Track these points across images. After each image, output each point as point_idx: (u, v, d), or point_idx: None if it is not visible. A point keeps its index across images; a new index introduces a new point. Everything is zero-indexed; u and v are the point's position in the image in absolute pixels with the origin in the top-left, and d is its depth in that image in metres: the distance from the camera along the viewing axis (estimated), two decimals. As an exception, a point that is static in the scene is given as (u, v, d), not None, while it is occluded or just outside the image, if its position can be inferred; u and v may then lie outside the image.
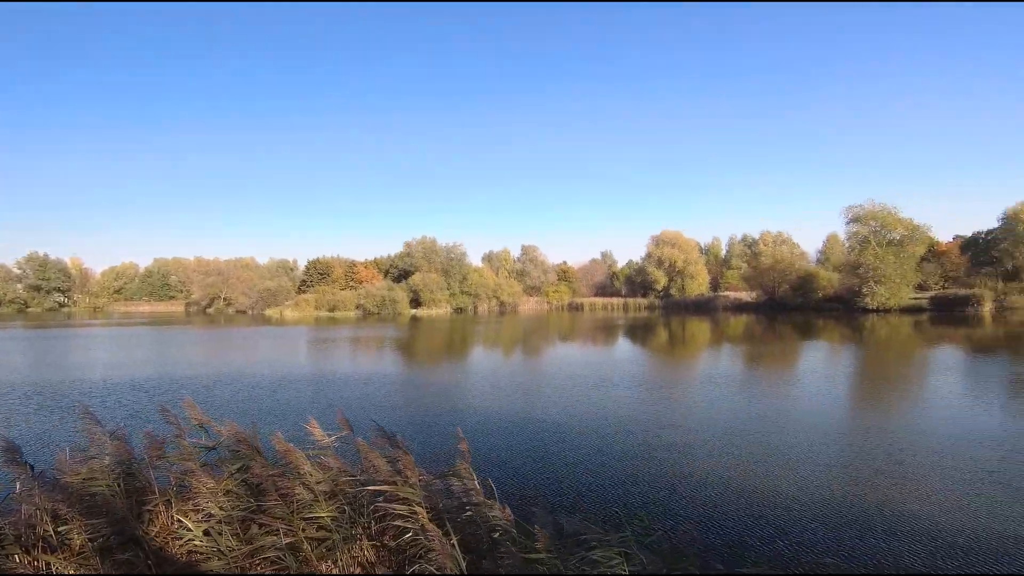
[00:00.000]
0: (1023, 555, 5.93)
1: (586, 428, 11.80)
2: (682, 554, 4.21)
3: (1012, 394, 14.89)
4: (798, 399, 14.42)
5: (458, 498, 4.74)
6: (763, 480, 8.44)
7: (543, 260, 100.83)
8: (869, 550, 6.10)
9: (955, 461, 9.06)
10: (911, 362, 22.02)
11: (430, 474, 5.08)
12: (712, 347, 29.66)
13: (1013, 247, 53.04)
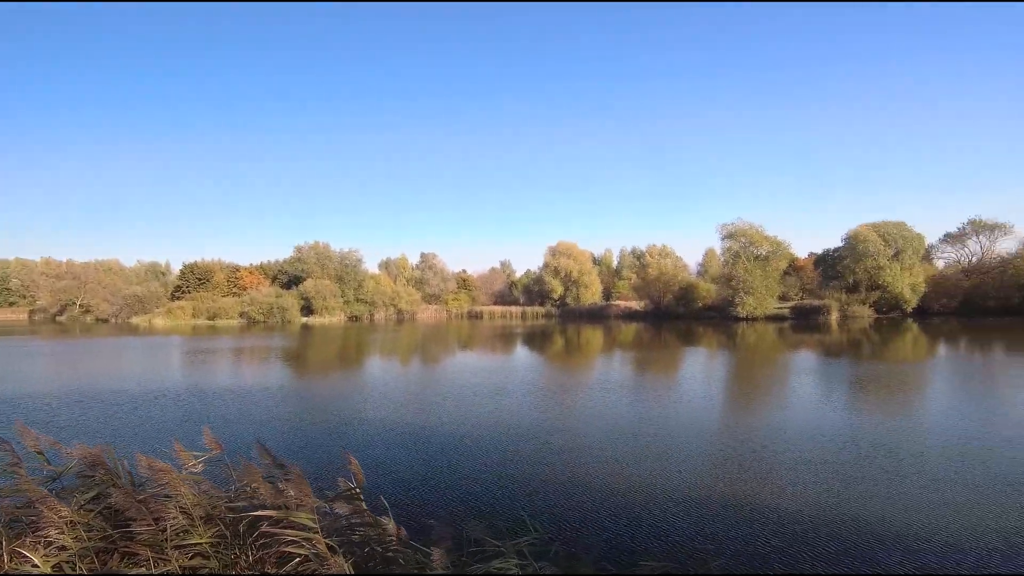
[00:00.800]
0: (859, 537, 6.73)
1: (482, 437, 11.79)
2: (578, 557, 4.29)
3: (852, 393, 17.01)
4: (680, 402, 15.45)
5: (348, 517, 4.49)
6: (650, 480, 8.92)
7: (442, 268, 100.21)
8: (738, 540, 6.65)
9: (805, 455, 10.15)
10: (774, 366, 24.46)
11: (318, 493, 4.77)
12: (605, 354, 31.01)
13: (854, 263, 60.92)
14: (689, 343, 36.54)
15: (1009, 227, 64.11)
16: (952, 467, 9.22)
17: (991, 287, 58.52)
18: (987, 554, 6.21)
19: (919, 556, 6.20)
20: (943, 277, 64.20)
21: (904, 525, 7.01)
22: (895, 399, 15.72)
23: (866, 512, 7.44)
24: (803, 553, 6.31)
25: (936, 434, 11.39)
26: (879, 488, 8.34)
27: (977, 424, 12.21)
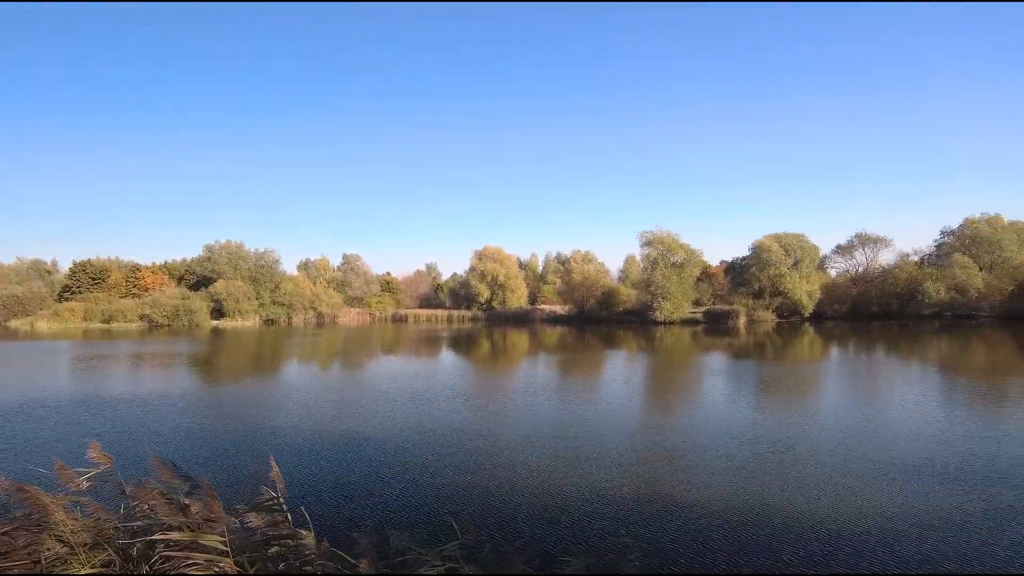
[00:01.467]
0: (758, 528, 7.17)
1: (406, 444, 11.53)
2: (507, 557, 4.26)
3: (757, 393, 18.20)
4: (601, 403, 15.86)
5: (264, 531, 4.20)
6: (573, 480, 9.07)
7: (366, 270, 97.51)
8: (654, 533, 6.93)
9: (715, 452, 10.72)
10: (689, 367, 25.74)
11: (230, 508, 4.42)
12: (530, 357, 31.34)
13: (759, 271, 65.44)
14: (611, 346, 37.70)
15: (888, 241, 71.47)
16: (839, 460, 10.04)
17: (874, 294, 64.87)
18: (867, 539, 6.80)
19: (808, 544, 6.69)
20: (835, 285, 70.37)
21: (797, 515, 7.56)
22: (794, 398, 16.97)
23: (766, 504, 7.96)
24: (710, 543, 6.65)
25: (827, 430, 12.38)
26: (777, 481, 8.94)
27: (860, 420, 13.40)
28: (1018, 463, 9.59)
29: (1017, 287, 54.90)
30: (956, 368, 23.61)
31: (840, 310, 66.53)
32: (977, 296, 56.31)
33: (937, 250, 65.62)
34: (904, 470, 9.33)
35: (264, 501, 4.41)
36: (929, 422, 12.80)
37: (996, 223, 61.11)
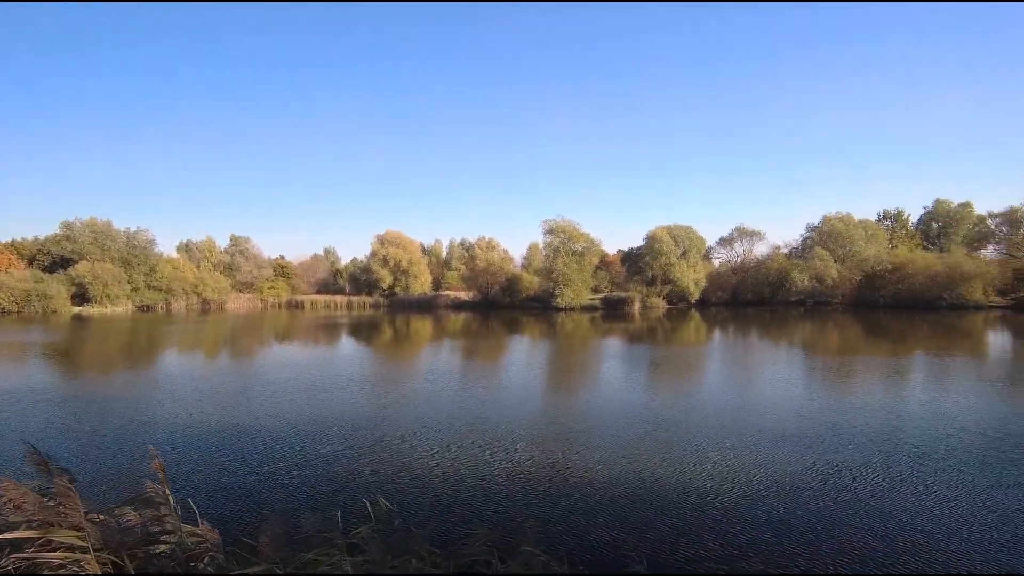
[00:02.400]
0: (642, 501, 7.76)
1: (306, 433, 11.12)
2: (412, 537, 4.27)
3: (648, 374, 19.45)
4: (503, 387, 16.19)
5: (145, 528, 3.88)
6: (475, 460, 9.24)
7: (256, 253, 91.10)
8: (550, 508, 7.26)
9: (608, 431, 11.39)
10: (587, 351, 26.89)
11: (104, 505, 4.03)
12: (434, 343, 31.15)
13: (652, 260, 69.53)
14: (514, 331, 38.41)
15: (762, 234, 78.82)
16: (715, 434, 11.04)
17: (750, 283, 71.35)
18: (736, 502, 7.58)
19: (688, 512, 7.35)
20: (718, 274, 76.49)
21: (679, 486, 8.27)
22: (680, 379, 18.35)
23: (652, 478, 8.63)
24: (601, 516, 7.12)
25: (707, 407, 13.53)
26: (662, 456, 9.70)
27: (734, 398, 14.80)
28: (858, 431, 11.08)
29: (864, 277, 62.85)
30: (814, 349, 26.67)
31: (722, 297, 72.46)
32: (832, 285, 63.74)
33: (802, 243, 73.30)
34: (769, 441, 10.46)
35: (144, 495, 4.07)
36: (791, 398, 14.41)
37: (848, 221, 69.29)
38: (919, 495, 7.72)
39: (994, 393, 14.84)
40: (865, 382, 16.69)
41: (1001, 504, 7.40)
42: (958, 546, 6.25)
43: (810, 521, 6.90)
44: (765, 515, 7.08)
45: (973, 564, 5.86)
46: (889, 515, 7.06)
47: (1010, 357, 22.85)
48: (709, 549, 6.18)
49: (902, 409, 12.87)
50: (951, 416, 12.04)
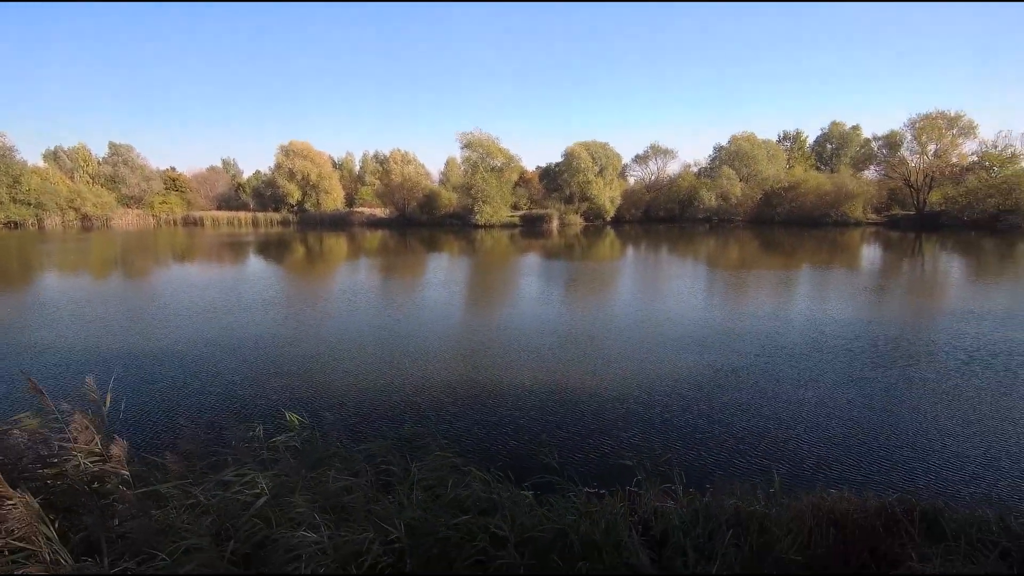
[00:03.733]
0: (564, 405, 8.21)
1: (214, 354, 10.59)
2: (327, 437, 4.28)
3: (566, 289, 20.07)
4: (424, 304, 16.13)
5: (35, 450, 3.59)
6: (392, 374, 9.27)
7: (143, 164, 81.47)
8: (467, 418, 7.52)
9: (527, 344, 11.77)
10: (507, 268, 27.19)
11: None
12: (350, 261, 30.18)
13: (570, 177, 69.96)
14: (433, 249, 37.93)
15: (674, 152, 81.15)
16: (625, 343, 11.74)
17: (662, 200, 74.09)
18: (641, 400, 8.21)
19: (602, 411, 7.88)
20: (632, 191, 78.55)
21: (591, 390, 8.79)
22: (595, 293, 19.09)
23: (567, 385, 9.10)
24: (512, 419, 7.49)
25: (619, 319, 14.28)
26: (578, 365, 10.21)
27: (643, 309, 15.69)
28: (746, 338, 12.18)
29: (764, 196, 67.03)
30: (716, 263, 28.56)
31: (636, 214, 74.94)
32: (736, 203, 67.61)
33: (711, 162, 76.32)
34: (669, 349, 11.27)
35: (24, 417, 3.72)
36: (691, 309, 15.48)
37: (753, 140, 72.60)
38: (791, 393, 8.71)
39: (859, 302, 16.72)
40: (756, 293, 18.20)
41: (850, 394, 8.53)
42: (818, 431, 7.19)
43: (697, 420, 7.64)
44: (659, 415, 7.75)
45: (828, 445, 6.77)
46: (763, 412, 7.94)
47: (877, 269, 25.68)
48: (611, 445, 6.73)
49: (785, 317, 14.22)
50: (822, 323, 13.48)
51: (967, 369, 9.72)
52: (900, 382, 9.13)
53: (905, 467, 6.33)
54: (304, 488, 3.37)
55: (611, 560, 3.98)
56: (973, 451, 6.66)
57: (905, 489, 5.24)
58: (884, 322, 13.62)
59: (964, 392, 8.63)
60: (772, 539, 4.19)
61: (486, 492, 4.22)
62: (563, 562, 3.93)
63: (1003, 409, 7.92)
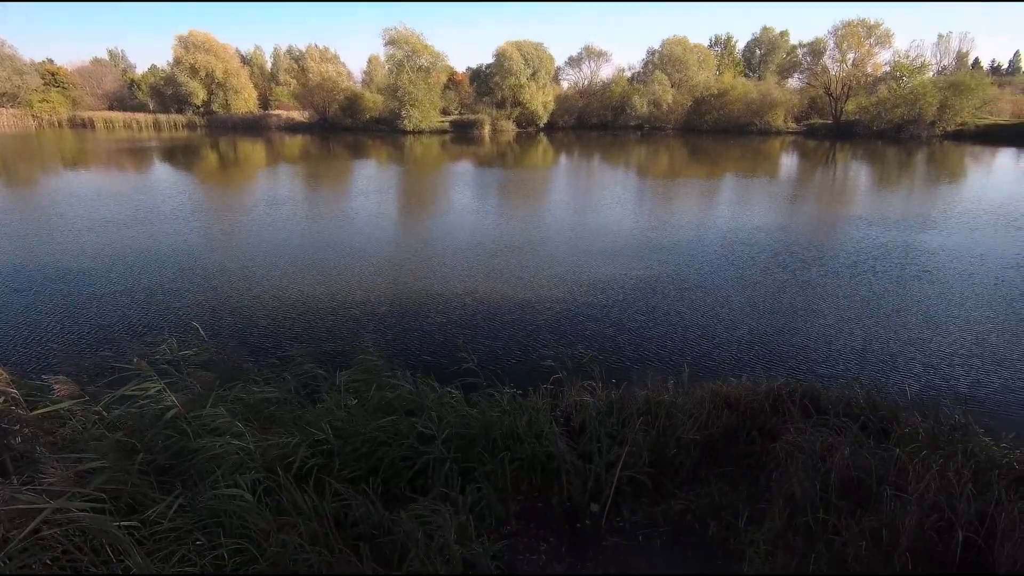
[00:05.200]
0: (501, 308, 8.44)
1: (118, 268, 9.95)
2: (247, 356, 4.27)
3: (499, 199, 19.91)
4: (353, 214, 15.60)
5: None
6: (317, 286, 9.12)
7: (12, 55, 70.14)
8: (399, 323, 7.63)
9: (461, 252, 11.80)
10: (438, 176, 26.45)
11: None
12: (270, 169, 28.30)
13: (502, 80, 67.01)
14: (359, 156, 36.09)
15: (609, 55, 79.09)
16: (558, 250, 12.02)
17: (595, 107, 72.93)
18: (564, 309, 8.58)
19: (537, 313, 8.18)
20: (566, 97, 76.54)
21: (527, 296, 9.06)
22: (526, 202, 19.09)
23: (502, 290, 9.30)
24: (448, 327, 7.69)
25: (549, 229, 14.47)
26: (513, 271, 10.40)
27: (576, 218, 15.93)
28: (667, 244, 12.76)
29: (694, 103, 67.40)
30: (646, 172, 29.02)
31: (569, 121, 73.64)
32: (668, 110, 67.71)
33: (643, 67, 75.06)
34: (597, 256, 11.67)
35: None
36: (620, 219, 15.87)
37: (684, 45, 71.52)
38: (703, 296, 9.36)
39: (775, 211, 17.72)
40: (683, 202, 18.83)
41: (755, 295, 9.30)
42: (724, 329, 7.87)
43: (617, 323, 8.14)
44: (583, 320, 8.19)
45: (732, 340, 7.45)
46: (677, 314, 8.54)
47: (793, 178, 27.04)
48: (537, 348, 7.08)
49: (705, 227, 14.89)
50: (739, 231, 14.27)
51: (855, 271, 10.71)
52: (797, 285, 9.98)
53: (795, 357, 7.09)
54: (223, 400, 3.36)
55: (532, 449, 4.32)
56: (852, 341, 7.52)
57: (792, 374, 5.91)
58: (792, 230, 14.57)
59: (850, 292, 9.58)
60: (676, 423, 4.66)
61: (413, 395, 4.39)
62: (488, 454, 4.23)
63: (879, 306, 8.90)
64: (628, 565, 3.75)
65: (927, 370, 6.72)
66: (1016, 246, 12.37)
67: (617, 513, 4.19)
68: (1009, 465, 3.57)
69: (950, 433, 4.04)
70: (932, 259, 11.36)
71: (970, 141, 43.78)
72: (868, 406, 4.49)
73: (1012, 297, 9.17)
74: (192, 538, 2.68)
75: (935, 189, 21.52)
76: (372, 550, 3.21)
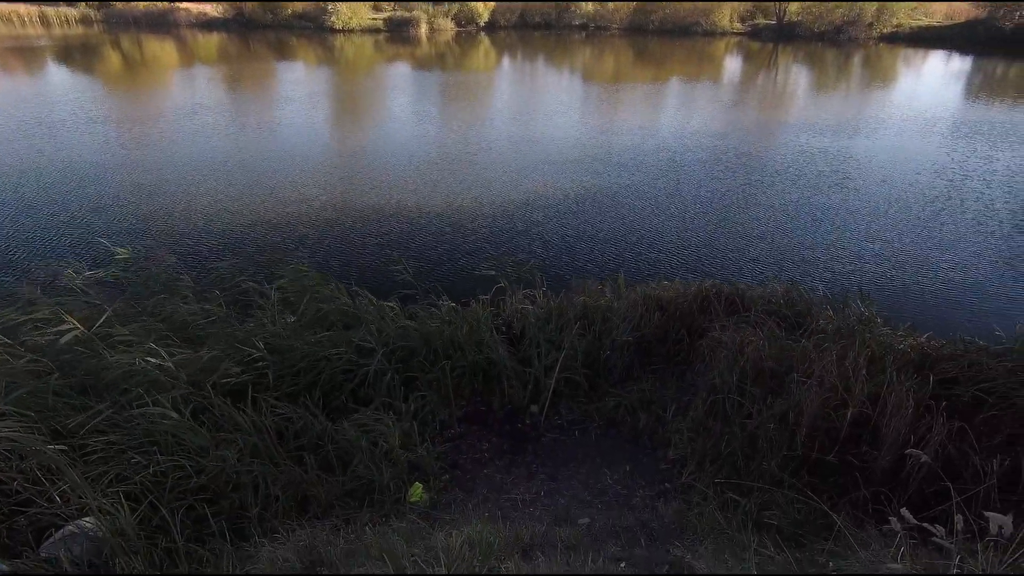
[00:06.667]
0: (445, 217, 8.33)
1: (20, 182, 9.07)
2: (167, 273, 4.12)
3: (440, 106, 18.98)
4: (281, 123, 14.58)
5: None
6: (244, 201, 8.71)
7: None
8: (329, 236, 7.58)
9: (396, 165, 11.41)
10: (373, 80, 24.76)
11: None
12: (184, 71, 25.62)
13: (438, -27, 61.71)
14: (285, 57, 33.09)
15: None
16: (504, 158, 11.78)
17: (538, 4, 68.84)
18: (511, 222, 8.57)
19: (480, 220, 8.14)
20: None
21: (472, 205, 8.96)
22: (468, 108, 18.30)
23: (448, 200, 9.13)
24: (385, 240, 7.65)
25: (493, 138, 14.04)
26: (459, 181, 10.18)
27: (520, 125, 15.50)
28: (610, 152, 12.72)
29: (640, 1, 64.66)
30: (591, 76, 28.16)
31: (511, 19, 69.45)
32: (613, 9, 64.78)
33: (590, -41, 70.55)
34: (543, 163, 11.56)
35: None
36: (564, 127, 15.52)
37: (634, -66, 67.34)
38: (641, 204, 9.52)
39: (715, 115, 17.76)
40: (627, 108, 18.54)
41: (690, 201, 9.56)
42: (659, 235, 8.12)
43: (557, 232, 8.26)
44: (523, 229, 8.24)
45: (666, 245, 7.72)
46: (615, 221, 8.69)
47: (736, 81, 26.95)
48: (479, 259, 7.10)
49: (649, 132, 14.82)
50: (680, 136, 14.32)
51: (783, 179, 11.07)
52: (728, 192, 10.28)
53: (723, 260, 7.44)
54: (140, 318, 3.23)
55: (473, 357, 4.44)
56: (775, 245, 7.94)
57: (718, 277, 6.23)
58: (730, 137, 14.72)
59: (776, 200, 9.96)
60: (611, 326, 4.87)
61: (350, 308, 4.35)
62: (429, 364, 4.33)
63: (800, 212, 9.33)
64: (563, 456, 4.04)
65: (839, 271, 7.23)
66: (933, 151, 13.03)
67: (555, 412, 4.45)
68: (903, 351, 3.97)
69: (855, 325, 4.43)
70: (856, 166, 11.83)
71: (904, 43, 44.48)
72: (785, 303, 4.82)
73: (920, 203, 9.77)
74: (126, 457, 2.67)
75: (868, 94, 22.03)
76: (316, 460, 3.30)
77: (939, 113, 17.23)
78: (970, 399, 3.52)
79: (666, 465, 3.88)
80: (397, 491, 3.38)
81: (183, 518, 2.71)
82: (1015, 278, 7.08)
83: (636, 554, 2.69)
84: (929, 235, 8.29)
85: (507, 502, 3.56)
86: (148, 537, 2.62)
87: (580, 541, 2.72)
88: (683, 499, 3.46)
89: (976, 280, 6.98)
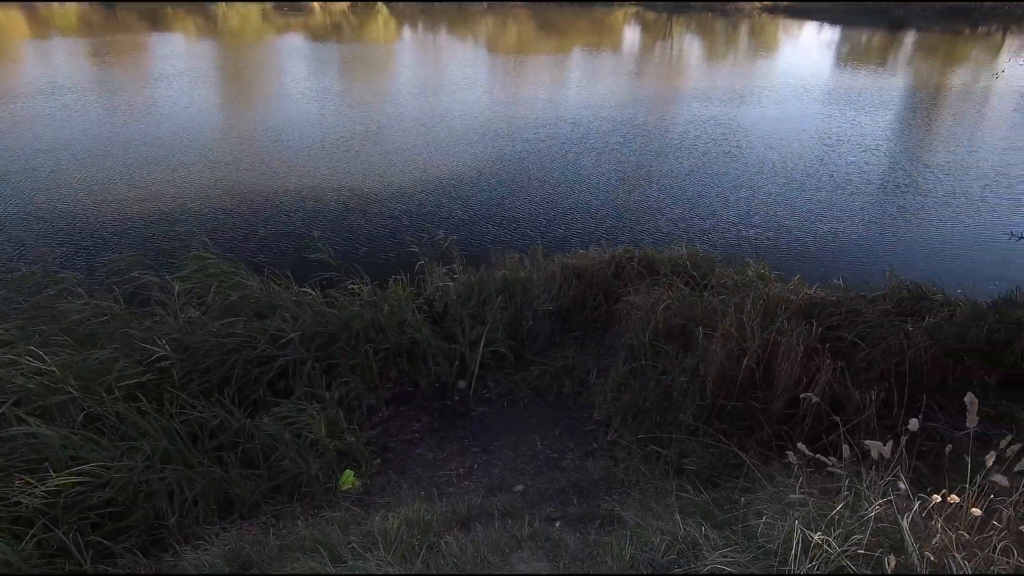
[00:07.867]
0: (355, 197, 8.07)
1: None
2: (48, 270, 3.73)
3: (339, 81, 18.10)
4: (162, 102, 13.32)
5: None
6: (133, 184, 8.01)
7: None
8: (233, 218, 7.28)
9: (297, 146, 10.85)
10: (263, 54, 23.10)
11: None
12: (39, 45, 22.56)
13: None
14: (159, 28, 30.01)
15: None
16: (405, 140, 11.49)
17: (437, -28, 66.85)
18: (426, 198, 8.47)
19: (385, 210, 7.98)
20: (404, -41, 68.97)
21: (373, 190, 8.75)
22: (371, 81, 17.61)
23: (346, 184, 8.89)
24: (296, 223, 7.37)
25: (397, 114, 13.63)
26: (355, 166, 9.87)
27: (424, 100, 15.14)
28: (521, 125, 12.81)
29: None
30: (496, 47, 27.89)
31: (409, -12, 67.12)
32: (513, -22, 64.20)
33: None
34: (452, 138, 11.47)
35: None
36: (469, 102, 15.31)
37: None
38: (553, 174, 9.72)
39: (616, 86, 18.26)
40: (531, 80, 18.61)
41: (602, 169, 9.89)
42: (573, 204, 8.36)
43: (473, 206, 8.28)
44: (439, 205, 8.19)
45: (580, 215, 7.96)
46: (529, 192, 8.84)
47: (635, 52, 27.78)
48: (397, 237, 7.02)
49: (555, 104, 14.97)
50: (584, 106, 14.61)
51: (679, 147, 11.61)
52: (630, 162, 10.69)
53: (633, 226, 7.77)
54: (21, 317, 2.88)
55: (396, 338, 4.37)
56: (679, 211, 8.40)
57: (630, 241, 6.50)
58: (630, 107, 15.17)
59: (676, 167, 10.50)
60: (532, 297, 4.96)
61: (262, 295, 4.12)
62: (351, 349, 4.21)
63: (699, 179, 9.91)
64: (494, 428, 4.11)
65: (737, 233, 7.79)
66: (810, 117, 14.17)
67: (483, 386, 4.50)
68: (794, 302, 4.36)
69: (752, 280, 4.80)
70: (744, 135, 12.56)
71: (782, 14, 47.51)
72: (691, 264, 5.12)
73: (802, 167, 10.60)
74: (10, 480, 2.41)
75: (754, 64, 23.50)
76: (237, 458, 3.14)
77: (817, 82, 18.73)
78: (849, 342, 3.94)
79: (592, 426, 4.06)
80: (327, 481, 3.30)
81: (90, 537, 2.51)
82: (881, 232, 7.97)
83: (569, 512, 2.82)
84: (813, 196, 9.08)
85: (442, 479, 3.58)
86: (49, 562, 2.40)
87: (516, 507, 2.81)
88: (610, 456, 3.65)
89: (853, 235, 7.77)
